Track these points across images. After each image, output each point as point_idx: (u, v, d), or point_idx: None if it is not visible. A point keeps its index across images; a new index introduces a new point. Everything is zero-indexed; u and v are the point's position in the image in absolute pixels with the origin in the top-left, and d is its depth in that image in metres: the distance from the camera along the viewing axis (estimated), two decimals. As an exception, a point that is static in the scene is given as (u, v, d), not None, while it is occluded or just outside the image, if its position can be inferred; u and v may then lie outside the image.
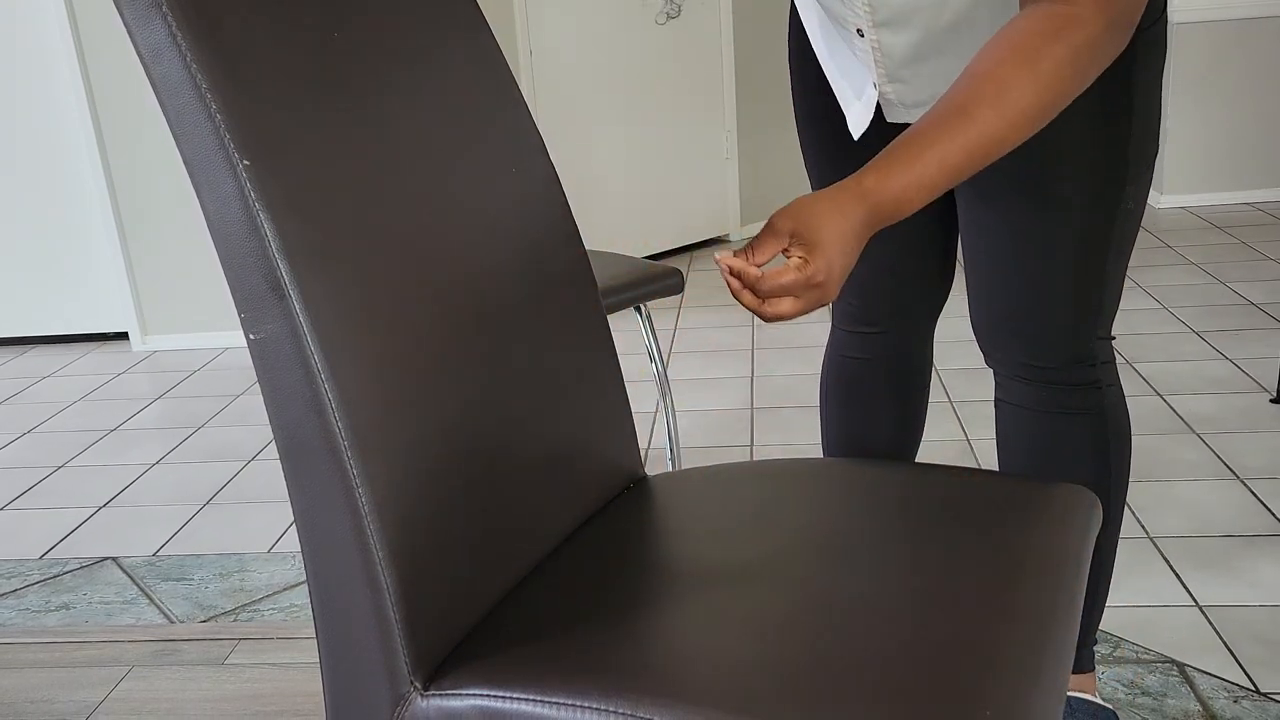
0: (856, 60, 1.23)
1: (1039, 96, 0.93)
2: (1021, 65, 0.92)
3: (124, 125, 3.42)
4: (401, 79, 0.90)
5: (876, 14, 1.13)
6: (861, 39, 1.17)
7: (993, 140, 0.93)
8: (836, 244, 0.91)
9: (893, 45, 1.15)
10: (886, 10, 1.12)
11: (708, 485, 1.07)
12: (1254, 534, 1.93)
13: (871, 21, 1.14)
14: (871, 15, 1.13)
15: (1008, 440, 1.33)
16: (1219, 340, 2.89)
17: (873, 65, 1.19)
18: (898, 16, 1.12)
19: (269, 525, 2.28)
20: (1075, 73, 0.93)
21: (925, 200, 0.95)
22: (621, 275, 1.93)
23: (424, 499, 0.81)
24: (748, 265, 0.92)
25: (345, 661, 0.81)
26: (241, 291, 0.76)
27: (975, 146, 0.93)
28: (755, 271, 0.92)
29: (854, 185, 0.93)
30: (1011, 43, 0.94)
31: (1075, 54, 0.92)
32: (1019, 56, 0.93)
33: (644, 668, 0.76)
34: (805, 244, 0.91)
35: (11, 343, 3.77)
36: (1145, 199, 1.20)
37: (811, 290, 0.92)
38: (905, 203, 0.94)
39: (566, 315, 1.02)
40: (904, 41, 1.14)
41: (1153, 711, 1.50)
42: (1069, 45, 0.92)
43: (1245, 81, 4.21)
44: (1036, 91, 0.92)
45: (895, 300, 1.40)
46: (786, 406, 2.68)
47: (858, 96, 1.25)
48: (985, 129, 0.93)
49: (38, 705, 1.71)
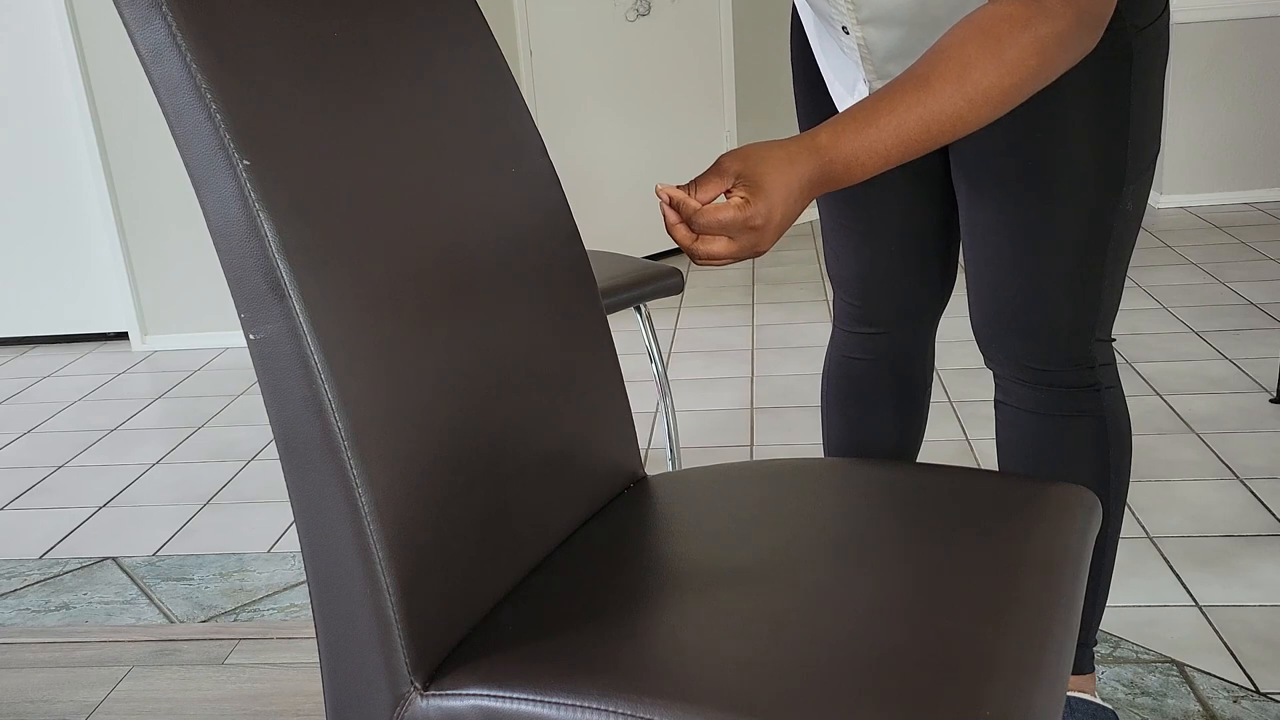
0: (846, 57, 1.23)
1: (1000, 80, 0.93)
2: (987, 47, 0.93)
3: (124, 125, 3.42)
4: (402, 79, 0.90)
5: (859, 11, 1.13)
6: (847, 36, 1.17)
7: (950, 117, 0.93)
8: (780, 191, 0.91)
9: (878, 42, 1.15)
10: (869, 8, 1.12)
11: (708, 485, 1.07)
12: (1254, 534, 1.93)
13: (855, 19, 1.14)
14: (855, 12, 1.13)
15: (1007, 442, 1.33)
16: (1219, 340, 2.89)
17: (859, 62, 1.19)
18: (880, 14, 1.12)
19: (269, 525, 2.28)
20: (1041, 63, 0.93)
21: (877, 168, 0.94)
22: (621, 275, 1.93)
23: (424, 499, 0.81)
24: (688, 198, 0.92)
25: (345, 661, 0.81)
26: (241, 291, 0.76)
27: (932, 120, 0.93)
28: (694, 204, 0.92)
29: (807, 139, 0.93)
30: (980, 26, 0.94)
31: (1042, 45, 0.93)
32: (985, 38, 0.93)
33: (644, 668, 0.76)
34: (749, 186, 0.91)
35: (11, 343, 3.77)
36: (1145, 200, 1.20)
37: (747, 233, 0.91)
38: (856, 165, 0.93)
39: (567, 315, 1.02)
40: (888, 38, 1.14)
41: (1153, 711, 1.50)
42: (1036, 35, 0.92)
43: (1245, 81, 4.21)
44: (999, 74, 0.92)
45: (897, 301, 1.40)
46: (786, 406, 2.68)
47: (850, 93, 1.26)
48: (945, 104, 0.93)
49: (38, 705, 1.71)
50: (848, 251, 1.38)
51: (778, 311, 3.44)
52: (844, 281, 1.42)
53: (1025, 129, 1.15)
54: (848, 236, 1.37)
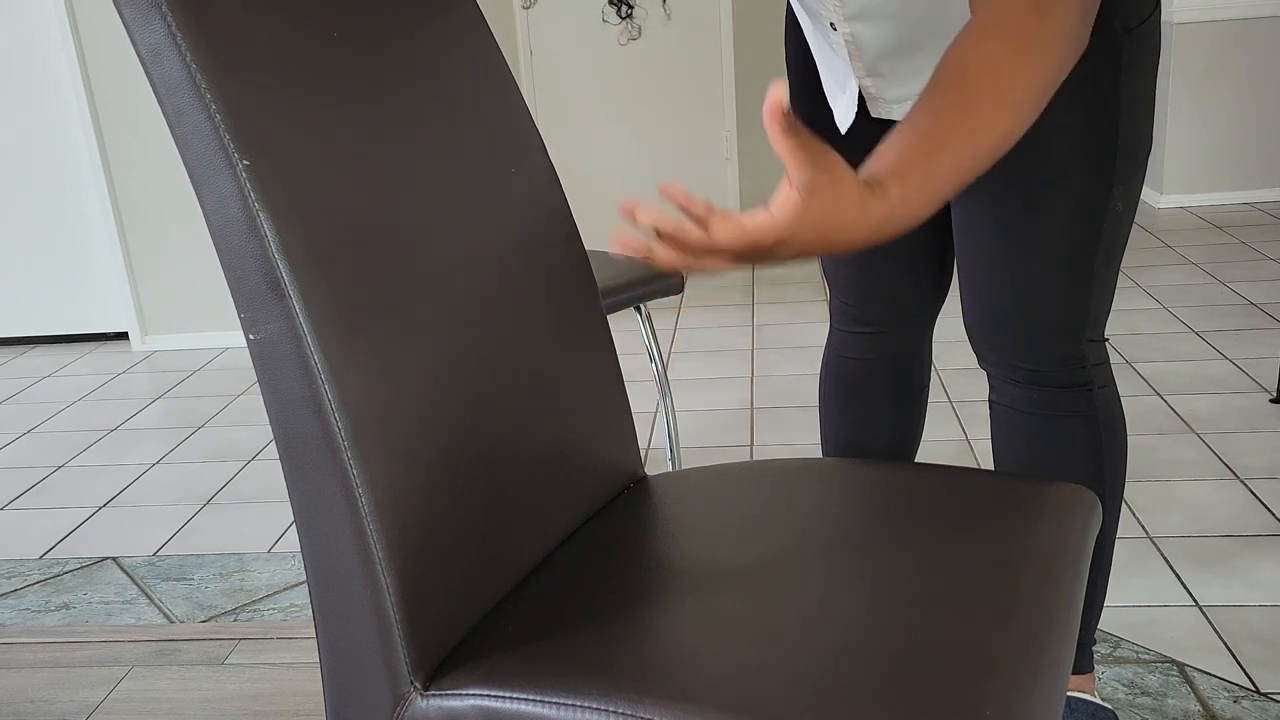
0: (836, 54, 1.23)
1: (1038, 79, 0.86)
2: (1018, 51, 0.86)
3: (124, 125, 3.41)
4: (402, 79, 0.90)
5: (846, 8, 1.13)
6: (835, 32, 1.17)
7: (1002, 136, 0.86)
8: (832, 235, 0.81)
9: (866, 39, 1.15)
10: (855, 5, 1.12)
11: (708, 485, 1.07)
12: (1254, 534, 1.93)
13: (842, 15, 1.14)
14: (841, 9, 1.13)
15: (1002, 442, 1.33)
16: (1219, 340, 2.89)
17: (848, 59, 1.19)
18: (866, 11, 1.12)
19: (269, 525, 2.28)
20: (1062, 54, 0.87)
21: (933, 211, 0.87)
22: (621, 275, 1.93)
23: (424, 499, 0.81)
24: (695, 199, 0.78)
25: (345, 661, 0.81)
26: (241, 291, 0.76)
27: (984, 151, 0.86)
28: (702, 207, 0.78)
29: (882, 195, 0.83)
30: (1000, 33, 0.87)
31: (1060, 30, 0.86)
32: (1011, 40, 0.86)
33: (644, 668, 0.76)
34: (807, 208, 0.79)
35: (11, 343, 3.77)
36: (1136, 200, 1.20)
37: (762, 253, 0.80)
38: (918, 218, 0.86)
39: (566, 315, 1.02)
40: (877, 35, 1.14)
41: (1153, 711, 1.50)
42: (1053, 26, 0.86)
43: (1245, 81, 4.21)
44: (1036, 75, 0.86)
45: (893, 301, 1.40)
46: (786, 406, 2.68)
47: (842, 91, 1.25)
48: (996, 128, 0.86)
49: (38, 705, 1.71)
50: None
51: (778, 311, 3.44)
52: (840, 282, 1.42)
53: None
54: None
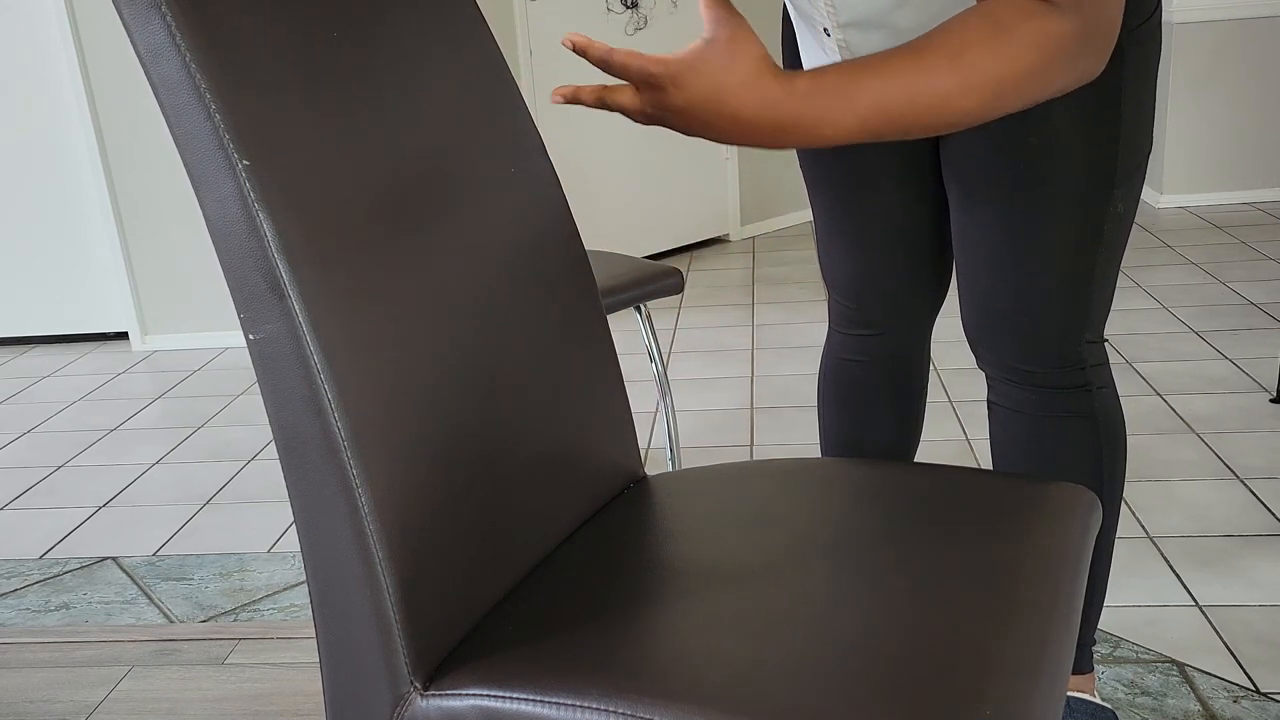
0: (829, 59, 1.22)
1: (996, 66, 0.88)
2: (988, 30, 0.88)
3: (124, 125, 3.42)
4: (401, 79, 0.90)
5: (839, 14, 1.12)
6: (829, 38, 1.17)
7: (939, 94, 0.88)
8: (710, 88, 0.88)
9: (859, 45, 1.15)
10: (848, 11, 1.11)
11: (708, 485, 1.07)
12: (1254, 534, 1.93)
13: (835, 22, 1.14)
14: (834, 15, 1.13)
15: (1000, 443, 1.33)
16: (1219, 340, 2.89)
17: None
18: (859, 18, 1.11)
19: (269, 525, 2.28)
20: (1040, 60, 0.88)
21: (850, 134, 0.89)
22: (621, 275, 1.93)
23: (424, 499, 0.81)
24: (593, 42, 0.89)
25: (345, 661, 0.81)
26: (241, 291, 0.76)
27: (919, 93, 0.88)
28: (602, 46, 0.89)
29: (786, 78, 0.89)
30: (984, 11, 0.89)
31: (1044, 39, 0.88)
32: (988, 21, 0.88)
33: (644, 668, 0.76)
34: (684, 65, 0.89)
35: (11, 343, 3.77)
36: (1136, 201, 1.19)
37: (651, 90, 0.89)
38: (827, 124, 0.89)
39: (566, 315, 1.02)
40: (870, 42, 1.13)
41: (1153, 711, 1.50)
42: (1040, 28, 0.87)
43: (1245, 81, 4.21)
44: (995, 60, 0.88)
45: (892, 302, 1.40)
46: (786, 406, 2.68)
47: None
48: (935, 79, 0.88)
49: (38, 705, 1.71)
50: (841, 253, 1.38)
51: (778, 311, 3.44)
52: (838, 283, 1.42)
53: (1016, 130, 1.14)
54: (841, 238, 1.37)
